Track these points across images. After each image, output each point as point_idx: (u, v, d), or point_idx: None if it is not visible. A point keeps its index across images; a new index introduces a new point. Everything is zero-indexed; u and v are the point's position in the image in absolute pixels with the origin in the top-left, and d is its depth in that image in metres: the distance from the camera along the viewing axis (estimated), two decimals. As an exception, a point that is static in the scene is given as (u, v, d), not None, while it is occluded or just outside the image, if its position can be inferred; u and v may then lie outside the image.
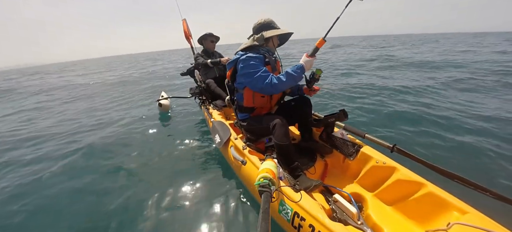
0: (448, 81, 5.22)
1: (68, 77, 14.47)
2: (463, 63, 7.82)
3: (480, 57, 9.37)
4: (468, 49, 13.29)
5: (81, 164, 2.55)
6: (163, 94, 4.37)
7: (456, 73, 6.10)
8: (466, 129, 2.72)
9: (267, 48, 1.73)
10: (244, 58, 1.62)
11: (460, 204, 1.08)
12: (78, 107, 5.51)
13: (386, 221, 1.24)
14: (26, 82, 13.50)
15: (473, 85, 4.79)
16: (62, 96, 7.53)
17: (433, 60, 9.01)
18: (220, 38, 3.06)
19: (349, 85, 5.28)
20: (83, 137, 3.39)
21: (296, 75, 1.53)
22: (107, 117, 4.39)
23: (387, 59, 10.00)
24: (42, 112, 5.44)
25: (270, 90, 1.57)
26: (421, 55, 10.95)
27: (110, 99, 6.13)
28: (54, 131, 3.77)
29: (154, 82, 8.79)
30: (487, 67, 6.82)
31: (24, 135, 3.68)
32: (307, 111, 1.80)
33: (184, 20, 3.61)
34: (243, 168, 1.61)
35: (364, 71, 7.18)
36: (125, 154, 2.72)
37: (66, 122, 4.28)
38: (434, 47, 16.27)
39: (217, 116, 2.39)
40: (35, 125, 4.32)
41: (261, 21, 1.70)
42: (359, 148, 1.58)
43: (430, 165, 1.24)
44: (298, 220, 1.11)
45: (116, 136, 3.26)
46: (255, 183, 1.08)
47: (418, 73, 6.55)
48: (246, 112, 1.81)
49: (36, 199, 2.00)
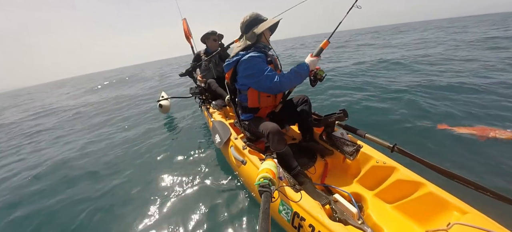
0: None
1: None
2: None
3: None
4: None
5: (80, 164, 2.56)
6: (163, 94, 4.36)
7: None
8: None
9: (263, 44, 1.67)
10: (246, 59, 1.56)
11: (460, 204, 1.08)
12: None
13: (386, 221, 1.24)
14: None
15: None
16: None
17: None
18: (223, 36, 3.05)
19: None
20: (82, 137, 3.40)
21: (303, 72, 1.54)
22: (107, 117, 4.40)
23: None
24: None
25: (278, 89, 1.57)
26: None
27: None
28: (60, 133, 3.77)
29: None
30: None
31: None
32: (307, 111, 1.78)
33: (184, 19, 3.60)
34: (243, 168, 1.61)
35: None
36: (125, 154, 2.72)
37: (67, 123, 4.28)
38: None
39: (217, 116, 2.39)
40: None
41: (248, 18, 1.61)
42: (359, 148, 1.58)
43: (430, 165, 1.24)
44: (298, 220, 1.11)
45: (116, 137, 3.26)
46: (255, 183, 1.08)
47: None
48: (251, 112, 1.78)
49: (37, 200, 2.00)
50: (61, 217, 1.81)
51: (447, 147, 2.15)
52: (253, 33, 1.59)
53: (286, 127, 2.13)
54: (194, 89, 3.12)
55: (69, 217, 1.80)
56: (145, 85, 10.66)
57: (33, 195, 2.13)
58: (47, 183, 2.31)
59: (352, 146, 1.63)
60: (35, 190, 2.21)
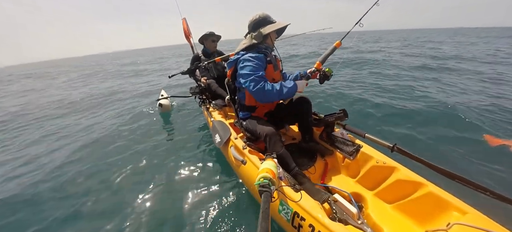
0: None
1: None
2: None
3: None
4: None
5: (79, 165, 2.55)
6: (163, 93, 4.35)
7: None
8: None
9: (265, 45, 1.70)
10: (243, 58, 1.60)
11: (460, 204, 1.08)
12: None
13: (386, 220, 1.24)
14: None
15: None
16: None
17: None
18: (221, 37, 3.05)
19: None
20: (81, 136, 3.39)
21: (285, 92, 1.53)
22: (105, 117, 4.39)
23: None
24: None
25: (262, 97, 1.54)
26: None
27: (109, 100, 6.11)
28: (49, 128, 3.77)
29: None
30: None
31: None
32: (307, 111, 1.78)
33: (184, 19, 3.60)
34: (243, 167, 1.61)
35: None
36: (125, 154, 2.72)
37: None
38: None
39: (217, 116, 2.39)
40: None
41: (257, 17, 1.65)
42: (359, 148, 1.58)
43: (430, 165, 1.24)
44: (298, 220, 1.11)
45: (116, 137, 3.26)
46: (255, 183, 1.07)
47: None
48: (248, 111, 1.80)
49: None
50: (53, 213, 1.80)
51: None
52: (260, 32, 1.61)
53: (285, 127, 2.13)
54: (194, 88, 3.11)
55: (64, 212, 1.80)
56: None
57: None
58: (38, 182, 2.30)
59: (352, 146, 1.63)
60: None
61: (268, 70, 1.66)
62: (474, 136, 2.54)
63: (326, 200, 1.29)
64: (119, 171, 2.33)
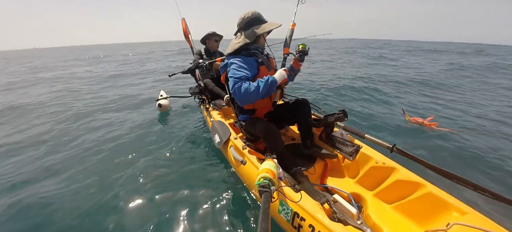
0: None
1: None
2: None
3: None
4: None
5: (79, 166, 2.54)
6: (162, 94, 4.34)
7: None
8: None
9: (255, 46, 1.62)
10: (231, 62, 1.54)
11: (459, 205, 1.09)
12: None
13: (386, 221, 1.24)
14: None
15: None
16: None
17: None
18: (223, 36, 3.05)
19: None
20: (79, 137, 3.38)
21: (267, 85, 1.43)
22: (105, 117, 4.37)
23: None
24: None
25: (243, 98, 1.44)
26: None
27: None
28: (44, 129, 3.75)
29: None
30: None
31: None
32: (307, 112, 1.77)
33: (183, 19, 3.59)
34: (243, 168, 1.61)
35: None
36: (124, 154, 2.71)
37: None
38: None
39: (216, 116, 2.39)
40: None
41: (249, 15, 1.55)
42: (359, 148, 1.58)
43: (430, 165, 1.25)
44: (298, 220, 1.11)
45: (116, 137, 3.25)
46: (255, 183, 1.07)
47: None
48: (247, 113, 1.77)
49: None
50: (59, 210, 1.79)
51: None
52: (253, 32, 1.55)
53: (285, 127, 2.13)
54: (194, 88, 3.11)
55: (67, 212, 1.79)
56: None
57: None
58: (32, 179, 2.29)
59: (351, 147, 1.63)
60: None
61: (262, 72, 1.59)
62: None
63: (326, 201, 1.29)
64: (116, 171, 2.32)
